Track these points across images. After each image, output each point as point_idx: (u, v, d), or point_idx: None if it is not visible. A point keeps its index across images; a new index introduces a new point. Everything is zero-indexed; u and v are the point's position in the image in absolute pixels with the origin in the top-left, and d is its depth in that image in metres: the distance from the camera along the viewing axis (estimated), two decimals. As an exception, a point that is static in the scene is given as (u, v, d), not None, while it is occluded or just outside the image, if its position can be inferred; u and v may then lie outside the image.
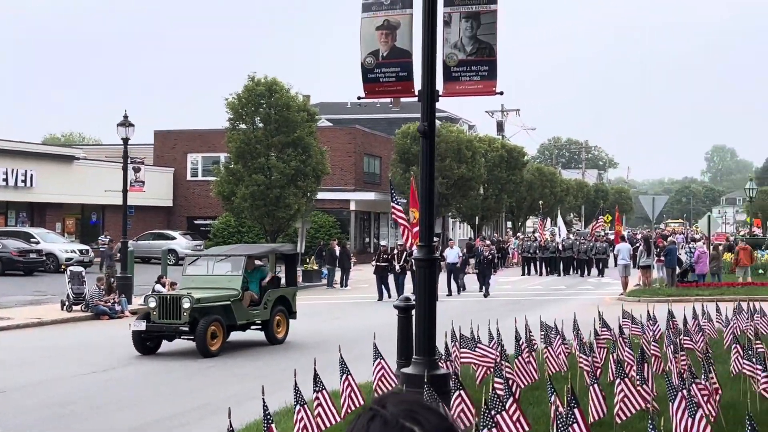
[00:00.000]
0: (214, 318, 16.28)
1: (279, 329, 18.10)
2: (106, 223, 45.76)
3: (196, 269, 18.30)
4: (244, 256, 17.87)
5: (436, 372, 8.79)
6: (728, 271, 32.89)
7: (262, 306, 17.60)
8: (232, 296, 17.01)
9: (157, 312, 16.35)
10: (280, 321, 18.19)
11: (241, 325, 17.26)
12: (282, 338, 18.09)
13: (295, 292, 19.26)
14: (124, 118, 27.78)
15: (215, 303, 16.70)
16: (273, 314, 17.86)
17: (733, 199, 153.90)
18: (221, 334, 16.44)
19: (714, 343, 14.64)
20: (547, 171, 74.22)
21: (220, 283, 17.54)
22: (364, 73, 9.43)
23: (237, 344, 17.54)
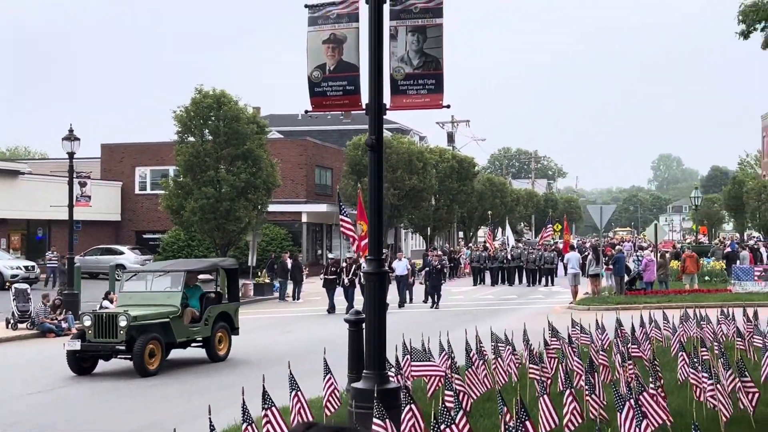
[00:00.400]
0: (152, 336, 15.83)
1: (221, 346, 17.65)
2: (53, 239, 44.90)
3: (134, 285, 17.81)
4: (183, 272, 17.41)
5: (387, 386, 8.76)
6: (675, 278, 33.44)
7: (202, 323, 17.12)
8: (171, 313, 16.54)
9: (93, 330, 15.83)
10: (221, 338, 17.71)
11: (180, 343, 16.81)
12: (224, 355, 17.65)
13: (237, 307, 18.78)
14: (69, 132, 27.35)
15: (153, 320, 16.21)
16: (214, 331, 17.39)
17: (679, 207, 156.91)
18: (160, 352, 15.97)
19: (661, 350, 14.85)
20: (497, 181, 74.86)
21: (158, 300, 17.03)
22: (311, 87, 9.40)
23: (183, 362, 17.23)
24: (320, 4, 9.49)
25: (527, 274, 40.98)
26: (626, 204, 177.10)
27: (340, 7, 9.36)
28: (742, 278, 30.40)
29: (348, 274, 27.98)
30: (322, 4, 9.48)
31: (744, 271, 31.03)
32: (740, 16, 14.68)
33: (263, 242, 42.39)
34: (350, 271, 27.92)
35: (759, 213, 64.92)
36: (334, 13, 9.37)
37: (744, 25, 14.71)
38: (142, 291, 17.44)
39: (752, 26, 14.67)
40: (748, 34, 14.82)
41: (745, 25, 14.72)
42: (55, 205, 38.63)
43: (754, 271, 30.75)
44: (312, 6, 9.49)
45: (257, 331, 23.31)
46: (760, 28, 15.07)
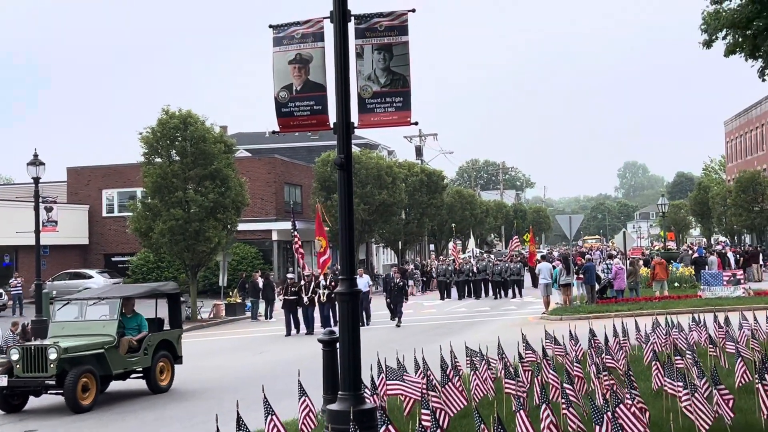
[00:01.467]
0: (85, 369, 14.79)
1: (162, 376, 16.64)
2: (20, 265, 44.27)
3: (67, 314, 16.50)
4: (119, 299, 16.27)
5: (362, 407, 8.68)
6: (645, 285, 33.70)
7: (141, 352, 16.16)
8: (107, 343, 15.48)
9: (21, 365, 14.71)
10: (163, 367, 16.70)
11: (118, 375, 15.87)
12: (166, 386, 16.64)
13: (179, 334, 17.75)
14: (34, 157, 27.08)
15: (87, 352, 15.12)
16: (155, 361, 16.42)
17: (646, 214, 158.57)
18: (94, 386, 14.92)
19: (634, 359, 14.92)
20: (466, 193, 75.10)
21: (93, 330, 15.91)
22: (278, 107, 9.34)
23: (126, 394, 16.51)
24: (285, 24, 9.44)
25: (494, 286, 40.28)
26: (594, 212, 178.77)
27: (304, 26, 9.32)
28: (711, 283, 30.70)
29: (307, 292, 26.92)
30: (286, 24, 9.43)
31: (713, 276, 31.35)
32: (702, 26, 14.86)
33: (234, 262, 42.15)
34: (309, 289, 26.94)
35: (725, 218, 65.79)
36: (299, 32, 9.33)
37: (706, 34, 14.90)
38: (76, 320, 16.29)
39: (714, 35, 14.87)
40: (710, 43, 15.02)
41: (707, 34, 14.90)
42: (21, 231, 38.14)
43: (723, 276, 31.07)
44: (276, 26, 9.44)
45: (230, 353, 23.11)
46: (722, 36, 15.28)
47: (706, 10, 15.21)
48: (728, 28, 14.86)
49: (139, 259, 46.22)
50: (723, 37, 15.24)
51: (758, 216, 59.87)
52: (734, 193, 61.40)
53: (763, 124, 69.58)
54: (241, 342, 25.65)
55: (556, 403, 9.94)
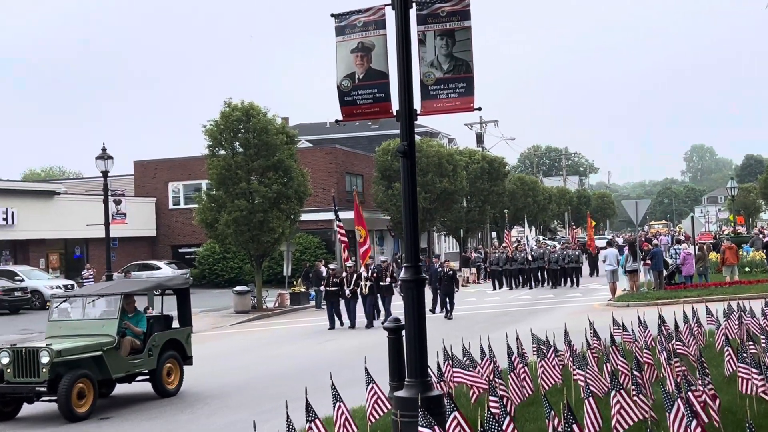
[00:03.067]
0: (81, 373, 13.47)
1: (170, 379, 15.38)
2: (90, 257, 45.44)
3: (64, 313, 15.15)
4: (119, 295, 14.88)
5: (430, 394, 8.68)
6: (715, 270, 32.99)
7: (146, 353, 14.90)
8: (106, 344, 14.13)
9: (12, 369, 13.43)
10: (171, 369, 15.44)
11: (118, 379, 14.59)
12: (174, 389, 15.39)
13: (188, 333, 16.36)
14: (102, 151, 27.69)
15: (83, 354, 13.78)
16: (162, 362, 15.17)
17: (714, 198, 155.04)
18: (91, 392, 13.59)
19: (705, 346, 14.62)
20: (528, 180, 74.50)
21: (92, 329, 14.55)
22: (341, 96, 9.37)
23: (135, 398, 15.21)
24: (346, 13, 9.45)
25: (550, 274, 38.49)
26: (660, 197, 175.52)
27: (366, 14, 9.32)
28: (784, 268, 29.89)
29: (349, 285, 25.78)
30: (348, 13, 9.44)
31: (785, 261, 30.51)
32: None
33: (297, 251, 42.55)
34: (351, 281, 25.84)
35: (797, 200, 63.92)
36: (361, 21, 9.33)
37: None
38: (74, 319, 14.94)
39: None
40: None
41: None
42: (91, 224, 39.13)
43: (796, 260, 30.22)
44: (338, 15, 9.46)
45: (296, 340, 23.35)
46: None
47: None
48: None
49: (206, 250, 47.03)
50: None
51: (832, 198, 58.02)
52: (806, 174, 59.59)
53: (836, 104, 67.30)
54: (304, 330, 25.88)
55: (627, 390, 9.80)
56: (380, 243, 56.86)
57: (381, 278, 25.86)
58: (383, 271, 26.31)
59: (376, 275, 25.83)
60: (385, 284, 25.71)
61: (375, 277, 25.66)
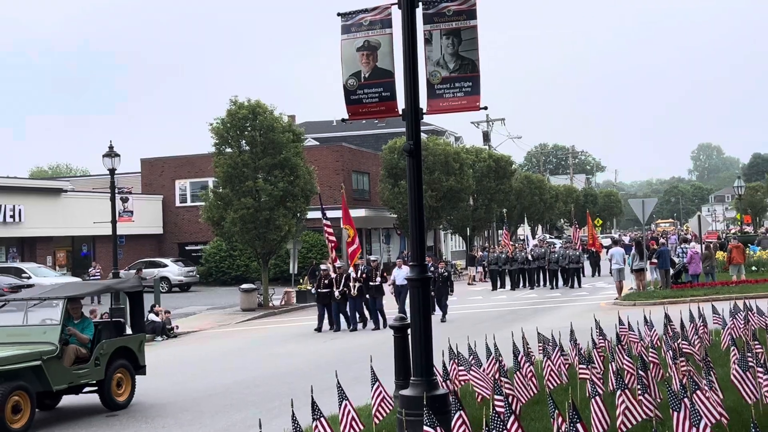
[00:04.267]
0: (17, 385, 12.15)
1: (120, 390, 14.08)
2: (97, 254, 45.56)
3: (5, 318, 13.93)
4: (62, 299, 13.59)
5: (435, 392, 8.70)
6: (721, 269, 32.92)
7: (92, 363, 13.58)
8: (47, 353, 12.82)
9: None
10: (121, 380, 14.15)
11: (62, 390, 13.28)
12: (125, 402, 14.07)
13: (142, 340, 15.01)
14: (109, 149, 27.74)
15: (20, 364, 12.44)
16: (111, 372, 13.87)
17: (721, 197, 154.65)
18: (28, 405, 12.25)
19: (711, 345, 14.59)
20: (535, 178, 74.40)
21: (32, 337, 13.26)
22: (347, 95, 9.38)
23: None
24: (352, 12, 9.47)
25: (549, 274, 37.65)
26: (667, 196, 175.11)
27: (372, 13, 9.33)
28: (791, 267, 29.81)
29: (338, 286, 24.73)
30: (354, 12, 9.46)
31: (792, 260, 30.42)
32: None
33: (303, 249, 42.59)
34: (341, 282, 24.77)
35: (805, 199, 63.74)
36: (367, 19, 9.35)
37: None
38: (13, 325, 13.60)
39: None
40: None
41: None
42: (98, 221, 39.23)
43: (803, 260, 30.12)
44: (344, 14, 9.48)
45: (304, 339, 23.39)
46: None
47: None
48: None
49: (212, 247, 47.13)
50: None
51: (840, 197, 57.84)
52: (814, 173, 59.40)
53: None
54: (310, 329, 25.90)
55: (632, 389, 9.80)
56: (387, 241, 56.89)
57: (371, 278, 24.89)
58: (373, 271, 25.25)
59: (365, 276, 24.83)
60: (375, 284, 24.77)
61: (364, 278, 24.70)
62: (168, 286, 42.81)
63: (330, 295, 24.85)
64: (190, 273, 45.42)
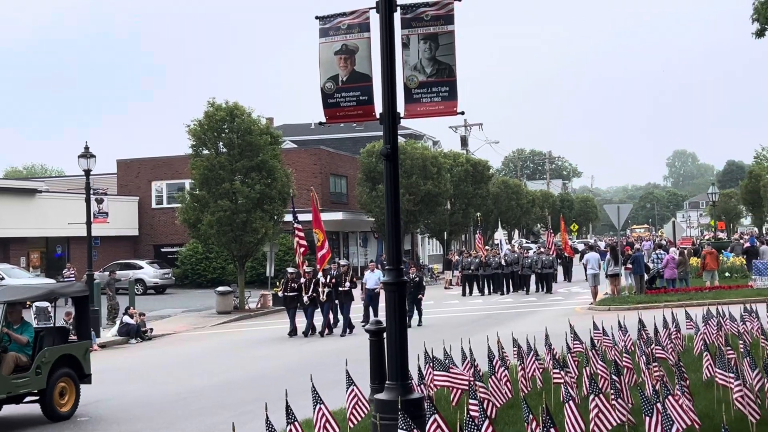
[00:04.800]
0: None
1: (63, 400, 13.34)
2: (72, 256, 45.16)
3: None
4: (1, 304, 12.96)
5: (410, 397, 8.72)
6: (695, 275, 33.20)
7: (33, 371, 12.85)
8: None
9: None
10: (64, 389, 13.40)
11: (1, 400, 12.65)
12: (68, 412, 13.34)
13: (87, 347, 14.32)
14: (85, 150, 27.53)
15: None
16: (53, 381, 13.13)
17: (696, 203, 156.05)
18: None
19: (684, 350, 14.72)
20: (512, 183, 74.70)
21: None
22: (324, 98, 9.39)
23: None
24: (331, 15, 9.48)
25: (522, 280, 37.05)
26: (642, 202, 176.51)
27: (350, 17, 9.35)
28: (763, 273, 30.08)
29: (307, 291, 24.37)
30: (332, 15, 9.47)
31: (765, 266, 30.71)
32: (754, 15, 14.58)
33: (280, 252, 42.46)
34: (310, 287, 24.41)
35: (777, 206, 64.48)
36: (345, 23, 9.36)
37: (758, 23, 14.62)
38: None
39: (766, 23, 14.58)
40: (762, 32, 14.73)
41: (758, 23, 14.62)
42: (73, 222, 38.87)
43: (775, 266, 30.43)
44: (323, 17, 9.48)
45: (273, 344, 23.32)
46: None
47: (758, 1, 14.91)
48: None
49: (188, 249, 46.89)
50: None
51: (812, 205, 58.59)
52: (787, 181, 60.13)
53: (817, 111, 67.91)
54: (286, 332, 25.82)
55: (606, 394, 9.87)
56: (364, 245, 56.87)
57: (340, 283, 24.44)
58: (342, 276, 24.76)
59: (334, 281, 24.44)
60: (344, 290, 24.33)
61: (333, 283, 24.33)
62: (143, 288, 42.52)
63: (297, 299, 24.59)
64: (165, 275, 45.13)
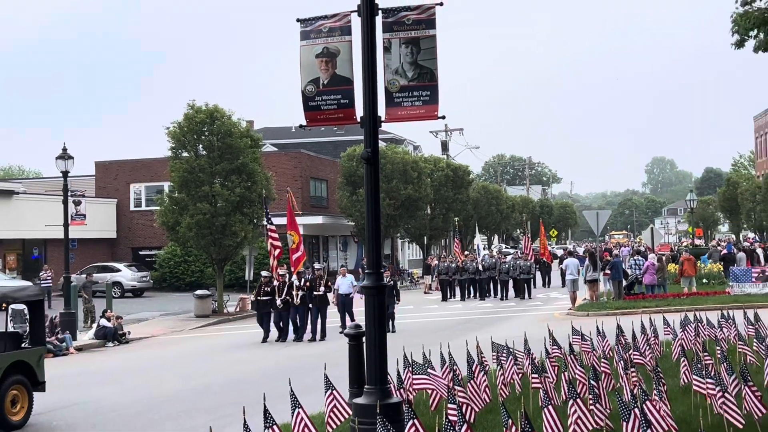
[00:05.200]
0: None
1: (15, 409, 12.85)
2: (49, 258, 44.75)
3: None
4: None
5: (389, 401, 8.69)
6: (673, 281, 33.42)
7: None
8: None
9: None
10: (16, 397, 12.93)
11: None
12: (20, 421, 12.84)
13: (41, 354, 13.82)
14: (63, 151, 27.30)
15: None
16: (5, 389, 12.67)
17: (674, 210, 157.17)
18: None
19: (662, 356, 14.79)
20: (492, 189, 74.89)
21: None
22: (305, 101, 9.35)
23: None
24: (312, 18, 9.45)
25: (501, 285, 36.78)
26: (621, 208, 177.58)
27: (332, 20, 9.33)
28: (740, 280, 30.34)
29: (280, 294, 23.84)
30: (314, 18, 9.44)
31: (742, 273, 30.99)
32: (733, 26, 14.70)
33: (260, 256, 42.29)
34: (283, 291, 23.85)
35: (754, 214, 65.04)
36: (327, 26, 9.34)
37: (737, 35, 14.74)
38: None
39: (745, 34, 14.70)
40: (742, 43, 14.85)
41: (738, 35, 14.74)
42: (50, 225, 38.54)
43: (752, 273, 30.71)
44: (304, 20, 9.45)
45: (252, 348, 23.21)
46: (753, 35, 15.08)
47: (736, 12, 15.04)
48: (759, 26, 14.68)
49: (167, 252, 46.61)
50: (754, 36, 15.05)
51: (788, 212, 59.16)
52: (763, 189, 60.71)
53: (793, 120, 68.67)
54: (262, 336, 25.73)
55: (584, 399, 9.89)
56: (344, 249, 56.80)
57: (314, 288, 23.82)
58: (317, 280, 24.04)
59: (309, 284, 23.88)
60: (319, 294, 23.74)
61: (308, 287, 23.79)
62: (121, 291, 42.20)
63: (270, 303, 23.99)
64: (143, 278, 44.83)
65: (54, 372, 19.17)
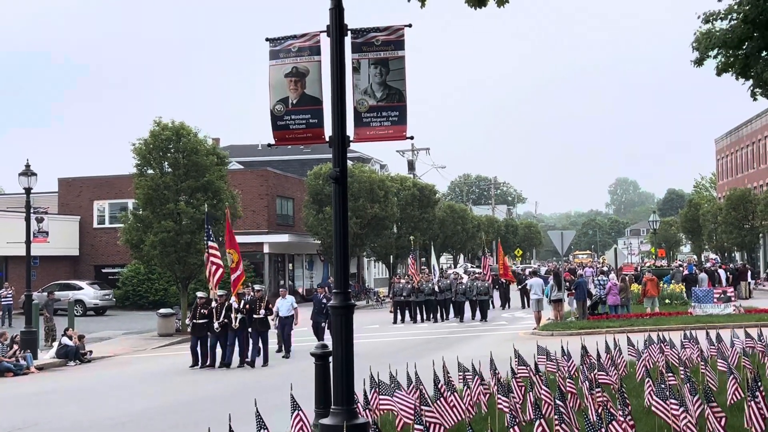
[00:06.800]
0: None
1: None
2: (10, 276, 44.08)
3: None
4: None
5: (355, 422, 8.65)
6: (636, 302, 33.74)
7: None
8: None
9: None
10: None
11: None
12: None
13: None
14: (26, 168, 26.96)
15: None
16: None
17: (637, 230, 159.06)
18: None
19: (627, 376, 14.90)
20: (458, 208, 75.24)
21: None
22: (274, 120, 9.34)
23: None
24: (281, 38, 9.46)
25: (456, 307, 35.49)
26: (585, 228, 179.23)
27: (301, 40, 9.34)
28: (702, 300, 30.72)
29: (218, 317, 22.40)
30: (283, 38, 9.45)
31: (703, 294, 31.38)
32: (694, 44, 14.98)
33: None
34: (221, 313, 22.43)
35: (715, 235, 65.98)
36: (296, 46, 9.35)
37: (698, 52, 15.02)
38: None
39: (706, 53, 14.97)
40: (701, 61, 15.13)
41: (698, 52, 15.02)
42: (11, 242, 38.00)
43: (713, 294, 31.11)
44: (273, 39, 9.46)
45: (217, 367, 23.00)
46: (713, 55, 15.37)
47: (699, 30, 15.31)
48: (720, 47, 14.95)
49: (130, 270, 46.11)
50: (714, 56, 15.33)
51: (748, 234, 60.13)
52: (725, 210, 61.64)
53: (753, 143, 69.93)
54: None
55: (549, 419, 9.92)
56: (310, 267, 56.63)
57: (254, 310, 22.60)
58: (257, 302, 22.79)
59: (248, 307, 22.59)
60: (259, 317, 22.55)
61: (248, 309, 22.53)
62: (83, 309, 41.67)
63: (207, 326, 22.55)
64: (106, 296, 44.31)
65: (14, 391, 18.84)
